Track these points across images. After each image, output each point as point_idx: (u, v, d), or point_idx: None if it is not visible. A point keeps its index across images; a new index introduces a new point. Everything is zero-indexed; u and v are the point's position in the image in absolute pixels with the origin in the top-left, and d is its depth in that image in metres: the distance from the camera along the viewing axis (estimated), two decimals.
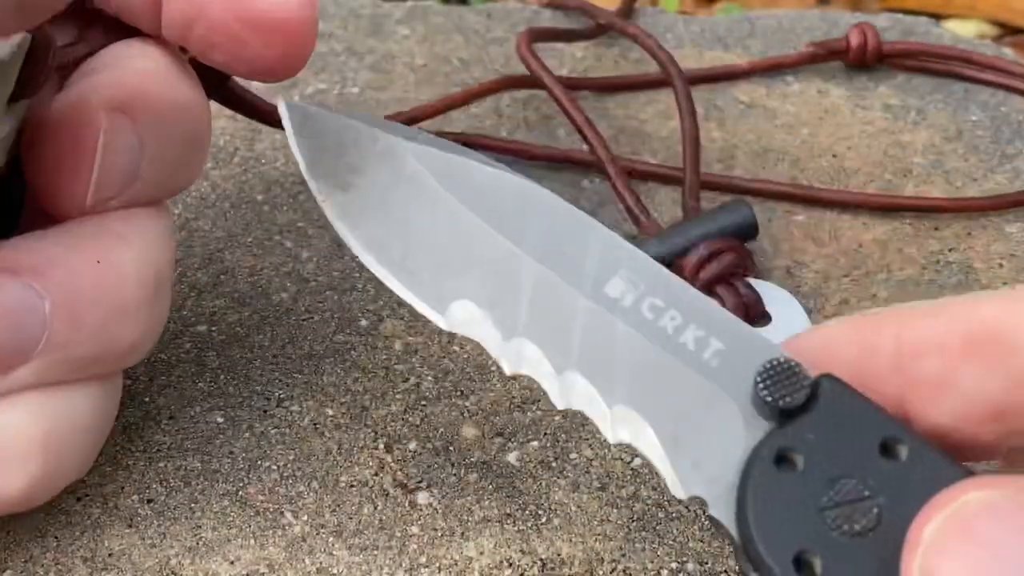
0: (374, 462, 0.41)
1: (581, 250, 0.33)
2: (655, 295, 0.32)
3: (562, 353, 0.32)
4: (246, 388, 0.43)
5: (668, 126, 0.60)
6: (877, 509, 0.29)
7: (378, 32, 0.66)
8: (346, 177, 0.35)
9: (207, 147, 0.40)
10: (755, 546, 0.29)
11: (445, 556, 0.38)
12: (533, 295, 0.33)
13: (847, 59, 0.64)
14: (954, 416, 0.30)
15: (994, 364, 0.30)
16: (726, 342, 0.32)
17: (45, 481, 0.34)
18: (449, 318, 0.34)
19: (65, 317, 0.33)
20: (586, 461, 0.41)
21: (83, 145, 0.35)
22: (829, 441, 0.30)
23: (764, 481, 0.30)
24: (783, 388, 0.30)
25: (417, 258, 0.34)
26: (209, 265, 0.49)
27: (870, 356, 0.31)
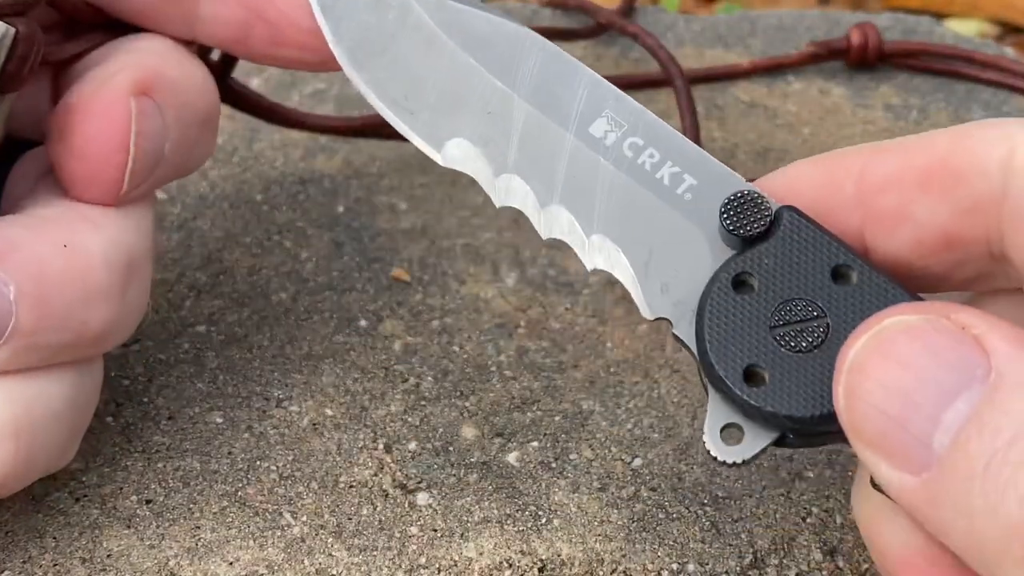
0: (373, 462, 0.41)
1: (570, 92, 0.35)
2: (636, 134, 0.35)
3: (547, 187, 0.35)
4: (245, 388, 0.43)
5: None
6: (824, 328, 0.31)
7: None
8: (356, 24, 0.37)
9: (217, 125, 0.40)
10: (709, 359, 0.32)
11: (445, 557, 0.38)
12: (523, 134, 0.35)
13: (848, 59, 0.64)
14: (909, 247, 0.32)
15: (945, 195, 0.32)
16: (699, 177, 0.34)
17: (18, 467, 0.33)
18: (445, 155, 0.36)
19: (31, 302, 0.33)
20: (586, 461, 0.41)
21: (116, 132, 0.35)
22: (784, 266, 0.32)
23: (721, 302, 0.32)
24: (745, 218, 0.33)
25: (417, 98, 0.36)
26: (208, 265, 0.49)
27: (834, 191, 0.33)
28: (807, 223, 0.32)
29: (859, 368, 0.28)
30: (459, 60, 0.36)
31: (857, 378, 0.28)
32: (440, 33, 0.36)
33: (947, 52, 0.64)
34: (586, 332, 0.46)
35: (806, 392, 0.31)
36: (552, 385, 0.44)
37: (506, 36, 0.36)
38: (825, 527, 0.39)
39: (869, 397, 0.27)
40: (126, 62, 0.36)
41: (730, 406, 0.32)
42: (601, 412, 0.43)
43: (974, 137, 0.32)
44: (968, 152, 0.31)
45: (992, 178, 0.31)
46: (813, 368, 0.31)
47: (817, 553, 0.38)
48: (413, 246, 0.50)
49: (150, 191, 0.38)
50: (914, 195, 0.32)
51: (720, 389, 0.32)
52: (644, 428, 0.42)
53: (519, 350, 0.46)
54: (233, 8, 0.37)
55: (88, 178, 0.35)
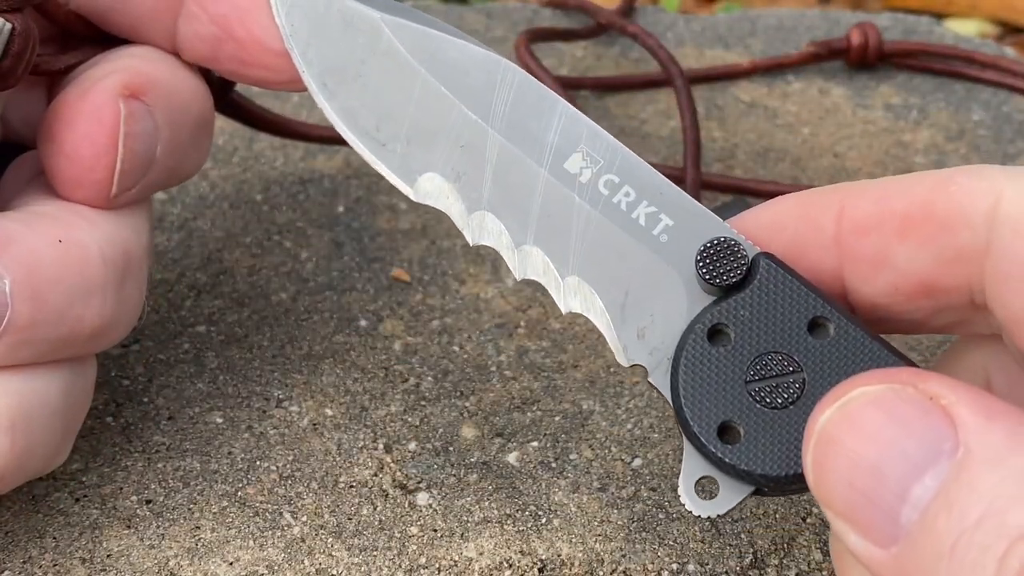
0: (373, 463, 0.41)
1: (544, 125, 0.35)
2: (611, 171, 0.34)
3: (521, 226, 0.34)
4: (245, 388, 0.43)
5: (668, 126, 0.60)
6: (800, 383, 0.31)
7: None
8: (326, 52, 0.36)
9: (212, 131, 0.41)
10: (684, 415, 0.32)
11: (445, 557, 0.38)
12: (497, 169, 0.35)
13: (848, 58, 0.64)
14: (888, 292, 0.32)
15: (926, 243, 0.31)
16: (676, 218, 0.34)
17: (12, 462, 0.33)
18: (417, 190, 0.35)
19: (26, 296, 0.33)
20: (586, 462, 0.41)
21: (104, 134, 0.35)
22: (760, 318, 0.32)
23: (696, 354, 0.32)
24: (721, 267, 0.32)
25: (389, 129, 0.36)
26: (208, 265, 0.49)
27: (813, 231, 0.33)
28: (784, 272, 0.32)
29: (826, 440, 0.27)
30: (431, 89, 0.35)
31: (824, 450, 0.27)
32: (412, 60, 0.36)
33: (947, 52, 0.64)
34: (586, 332, 0.46)
35: (781, 450, 0.31)
36: (552, 385, 0.44)
37: (480, 65, 0.35)
38: (825, 527, 0.39)
39: (837, 470, 0.27)
40: (117, 66, 0.37)
41: (705, 459, 0.32)
42: (601, 412, 0.43)
43: (958, 185, 0.31)
44: (951, 201, 0.31)
45: (976, 229, 0.31)
46: (788, 425, 0.31)
47: (817, 553, 0.38)
48: (413, 246, 0.50)
49: (143, 195, 0.38)
50: (893, 241, 0.32)
51: (695, 444, 0.32)
52: (644, 428, 0.42)
53: (519, 350, 0.46)
54: (206, 25, 0.38)
55: (77, 179, 0.36)
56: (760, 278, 0.32)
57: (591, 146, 0.34)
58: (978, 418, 0.26)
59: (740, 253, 0.32)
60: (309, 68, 0.36)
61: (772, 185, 0.55)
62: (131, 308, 0.36)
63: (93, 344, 0.35)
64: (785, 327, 0.31)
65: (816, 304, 0.31)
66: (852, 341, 0.31)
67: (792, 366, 0.31)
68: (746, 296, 0.32)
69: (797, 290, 0.32)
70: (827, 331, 0.31)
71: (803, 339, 0.31)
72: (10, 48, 0.33)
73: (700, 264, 0.32)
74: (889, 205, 0.32)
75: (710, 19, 0.70)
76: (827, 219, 0.33)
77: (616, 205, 0.34)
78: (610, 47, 0.66)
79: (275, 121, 0.49)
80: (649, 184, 0.34)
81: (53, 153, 0.36)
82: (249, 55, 0.38)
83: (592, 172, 0.34)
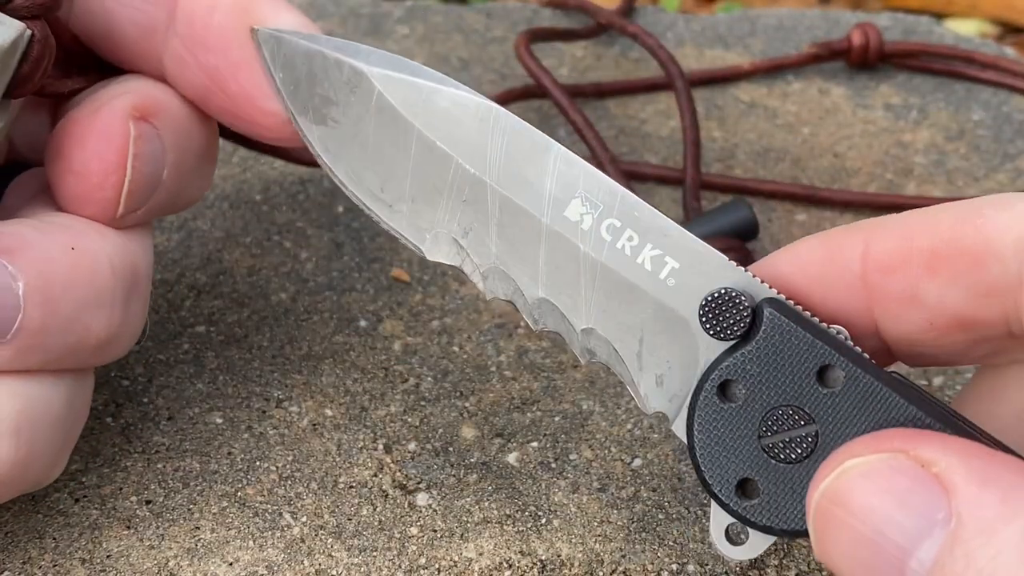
0: (373, 463, 0.41)
1: (540, 171, 0.34)
2: (612, 215, 0.34)
3: (531, 278, 0.34)
4: (245, 389, 0.43)
5: (668, 126, 0.60)
6: (812, 436, 0.31)
7: (377, 31, 0.66)
8: (322, 110, 0.36)
9: (215, 160, 0.41)
10: (702, 474, 0.32)
11: (444, 557, 0.38)
12: (500, 222, 0.34)
13: (849, 59, 0.64)
14: (923, 329, 0.32)
15: (956, 279, 0.31)
16: (681, 261, 0.33)
17: (16, 468, 0.33)
18: (428, 250, 0.35)
19: (39, 300, 0.33)
20: (586, 462, 0.41)
21: (114, 152, 0.35)
22: (768, 371, 0.32)
23: (708, 411, 0.32)
24: (724, 320, 0.32)
25: (393, 189, 0.35)
26: (208, 265, 0.49)
27: (839, 272, 0.33)
28: (788, 321, 0.32)
29: (823, 513, 0.28)
30: (427, 144, 0.35)
31: (824, 522, 0.27)
32: (404, 115, 0.35)
33: (947, 52, 0.64)
34: None
35: (800, 505, 0.31)
36: (552, 385, 0.44)
37: (471, 113, 0.35)
38: None
39: (837, 542, 0.27)
40: (127, 87, 0.37)
41: (731, 515, 0.32)
42: (601, 412, 0.43)
43: (984, 218, 0.31)
44: (979, 235, 0.31)
45: (1007, 262, 0.30)
46: (804, 479, 0.31)
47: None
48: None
49: (147, 218, 0.38)
50: (922, 278, 0.31)
51: (716, 501, 0.32)
52: (644, 428, 0.42)
53: (519, 350, 0.46)
54: (195, 72, 0.37)
55: (85, 196, 0.35)
56: (765, 329, 0.32)
57: (589, 190, 0.34)
58: (971, 486, 0.26)
59: (742, 304, 0.32)
60: (310, 132, 0.36)
61: (772, 185, 0.55)
62: (134, 325, 0.36)
63: (96, 356, 0.36)
64: (794, 378, 0.31)
65: (824, 352, 0.31)
66: (863, 388, 0.31)
67: (803, 419, 0.31)
68: (752, 349, 0.32)
69: (803, 338, 0.31)
70: (837, 379, 0.31)
71: (813, 389, 0.31)
72: (29, 53, 0.34)
73: (703, 319, 0.32)
74: (915, 242, 0.32)
75: (710, 19, 0.70)
76: (852, 258, 0.32)
77: (620, 251, 0.33)
78: (610, 47, 0.66)
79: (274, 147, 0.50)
80: (651, 225, 0.33)
81: (62, 170, 0.36)
82: (241, 110, 0.37)
83: (593, 218, 0.34)
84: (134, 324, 0.36)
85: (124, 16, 0.37)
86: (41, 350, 0.33)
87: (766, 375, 0.31)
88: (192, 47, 0.37)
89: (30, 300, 0.33)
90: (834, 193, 0.54)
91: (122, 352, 0.37)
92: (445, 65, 0.63)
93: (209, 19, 0.36)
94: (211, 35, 0.36)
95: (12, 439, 0.33)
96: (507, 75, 0.63)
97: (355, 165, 0.36)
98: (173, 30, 0.37)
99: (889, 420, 0.30)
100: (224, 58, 0.36)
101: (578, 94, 0.60)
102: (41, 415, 0.34)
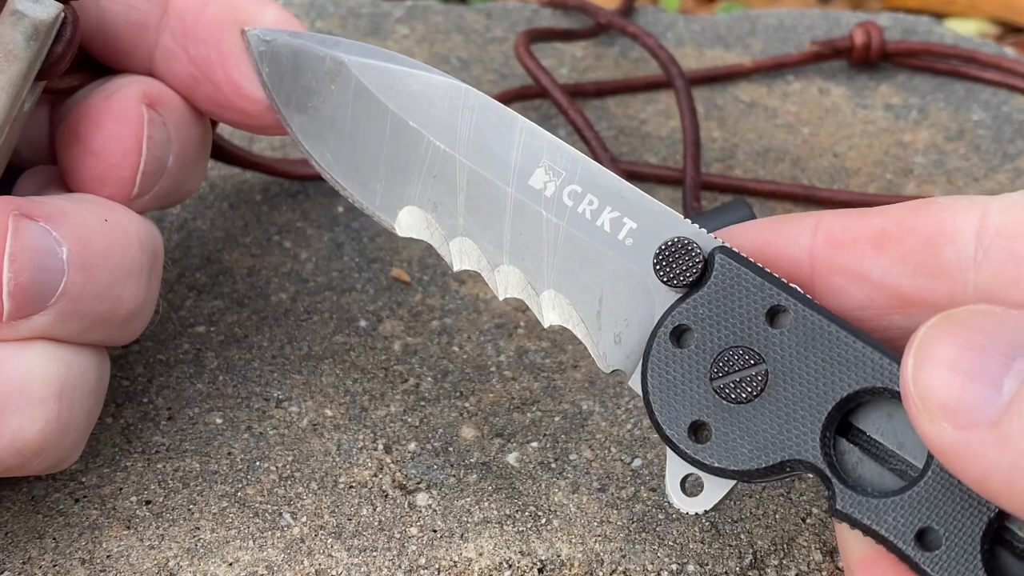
0: (373, 463, 0.41)
1: (506, 144, 0.36)
2: (574, 181, 0.35)
3: (496, 247, 0.35)
4: (245, 389, 0.43)
5: (668, 126, 0.60)
6: (763, 375, 0.31)
7: (377, 31, 0.66)
8: (304, 99, 0.38)
9: (208, 157, 0.43)
10: (656, 418, 0.32)
11: (444, 557, 0.38)
12: (468, 195, 0.36)
13: (851, 58, 0.64)
14: (861, 306, 0.33)
15: (905, 258, 0.32)
16: (639, 221, 0.34)
17: (56, 434, 0.34)
18: (399, 225, 0.37)
19: (80, 265, 0.34)
20: (586, 462, 0.41)
21: (131, 133, 0.37)
22: (719, 314, 0.32)
23: (661, 357, 0.33)
24: (677, 267, 0.33)
25: (368, 170, 0.37)
26: (208, 265, 0.49)
27: (786, 242, 0.33)
28: (739, 265, 0.32)
29: (932, 336, 0.28)
30: (400, 125, 0.36)
31: (930, 344, 0.28)
32: (380, 98, 0.37)
33: (949, 52, 0.64)
34: None
35: (751, 444, 0.31)
36: (552, 385, 0.44)
37: (442, 93, 0.36)
38: (825, 527, 0.39)
39: (941, 358, 0.27)
40: (133, 78, 0.39)
41: (682, 459, 0.32)
42: (601, 412, 0.43)
43: (939, 205, 0.32)
44: (933, 218, 0.32)
45: (960, 245, 0.31)
46: (756, 418, 0.31)
47: (817, 553, 0.38)
48: (413, 246, 0.50)
49: (152, 205, 0.39)
50: (868, 254, 0.32)
51: (669, 445, 0.32)
52: (644, 428, 0.42)
53: (519, 350, 0.46)
54: (185, 65, 0.39)
55: (103, 176, 0.37)
56: (716, 274, 0.32)
57: (552, 159, 0.35)
58: None
59: (695, 251, 0.33)
60: (291, 120, 0.38)
61: (772, 185, 0.55)
62: (152, 303, 0.38)
63: (122, 329, 0.37)
64: (744, 320, 0.32)
65: (773, 293, 0.32)
66: (812, 326, 0.31)
67: (754, 359, 0.32)
68: (704, 293, 0.32)
69: (753, 281, 0.32)
70: (787, 319, 0.32)
71: (763, 330, 0.32)
72: (63, 34, 0.35)
73: (657, 266, 0.33)
74: (865, 221, 0.33)
75: (710, 19, 0.70)
76: (802, 232, 0.33)
77: (581, 214, 0.35)
78: (610, 47, 0.66)
79: (257, 162, 0.51)
80: (611, 189, 0.34)
81: (79, 152, 0.37)
82: (226, 99, 0.39)
83: (556, 185, 0.35)
84: (152, 302, 0.38)
85: (118, 13, 0.39)
86: (79, 317, 0.35)
87: (717, 318, 0.32)
88: (183, 40, 0.39)
89: (72, 265, 0.34)
90: (834, 193, 0.54)
91: (140, 330, 0.38)
92: (445, 65, 0.63)
93: (201, 13, 0.39)
94: (203, 28, 0.38)
95: (55, 402, 0.34)
96: (507, 75, 0.63)
97: (333, 148, 0.37)
98: (165, 24, 0.39)
99: (839, 357, 0.31)
100: (215, 49, 0.38)
101: (578, 94, 0.60)
102: (79, 383, 0.35)
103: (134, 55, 0.39)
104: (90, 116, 0.37)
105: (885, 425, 0.31)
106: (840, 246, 0.33)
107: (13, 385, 0.33)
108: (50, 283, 0.34)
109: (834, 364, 0.31)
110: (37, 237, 0.33)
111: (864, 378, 0.31)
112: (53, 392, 0.34)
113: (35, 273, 0.33)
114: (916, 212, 0.32)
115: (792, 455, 0.31)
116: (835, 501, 0.30)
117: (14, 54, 0.33)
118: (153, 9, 0.39)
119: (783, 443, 0.31)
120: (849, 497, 0.30)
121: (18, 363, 0.33)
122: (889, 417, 0.31)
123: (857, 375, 0.31)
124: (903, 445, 0.31)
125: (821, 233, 0.33)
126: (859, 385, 0.31)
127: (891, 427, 0.31)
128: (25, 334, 0.34)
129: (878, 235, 0.32)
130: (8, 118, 0.34)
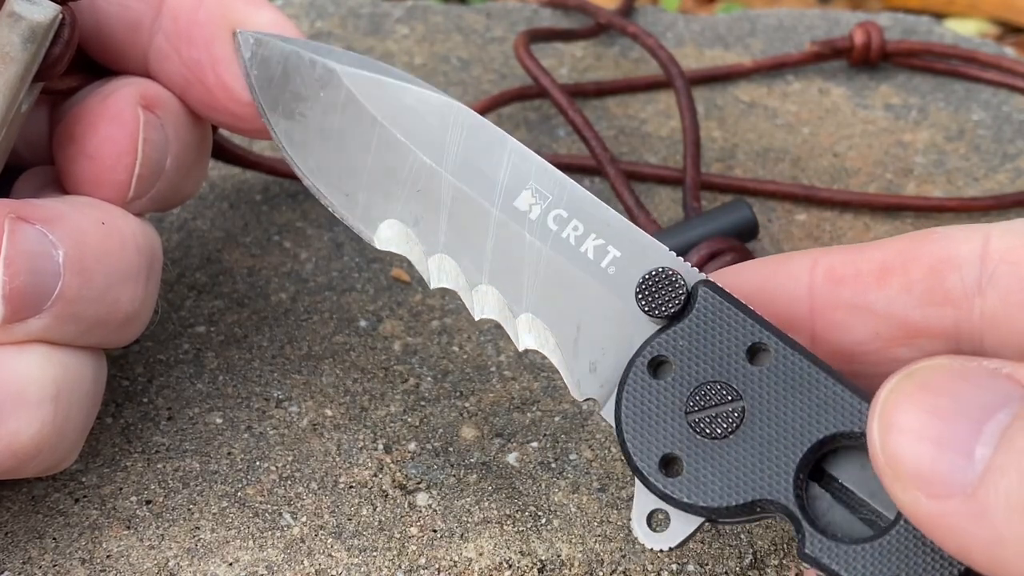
0: (373, 463, 0.41)
1: (495, 164, 0.35)
2: (560, 206, 0.35)
3: (476, 266, 0.35)
4: (245, 389, 0.43)
5: (668, 126, 0.60)
6: (739, 412, 0.31)
7: (377, 31, 0.66)
8: (292, 105, 0.38)
9: (208, 160, 0.43)
10: (627, 448, 0.32)
11: (444, 557, 0.38)
12: (451, 211, 0.35)
13: (851, 58, 0.64)
14: (867, 339, 0.32)
15: (910, 288, 0.32)
16: (623, 250, 0.34)
17: (53, 436, 0.34)
18: (379, 237, 0.36)
19: (76, 269, 0.34)
20: (586, 462, 0.41)
21: (126, 135, 0.37)
22: (699, 347, 0.32)
23: (637, 387, 0.32)
24: (659, 297, 0.32)
25: (351, 180, 0.37)
26: (207, 265, 0.49)
27: (782, 282, 0.33)
28: (722, 300, 0.32)
29: (894, 402, 0.27)
30: (388, 137, 0.36)
31: (893, 410, 0.27)
32: (369, 109, 0.36)
33: (950, 52, 0.64)
34: None
35: (723, 481, 0.31)
36: (552, 385, 0.44)
37: (434, 109, 0.36)
38: None
39: (907, 426, 0.27)
40: (130, 80, 0.38)
41: (652, 492, 0.32)
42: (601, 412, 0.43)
43: (939, 234, 0.32)
44: (935, 246, 0.32)
45: (964, 271, 0.31)
46: (729, 456, 0.31)
47: None
48: None
49: (150, 208, 0.39)
50: (871, 287, 0.32)
51: (639, 477, 0.32)
52: None
53: (519, 350, 0.45)
54: (177, 66, 0.39)
55: (98, 179, 0.37)
56: (699, 307, 0.32)
57: (540, 182, 0.35)
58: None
59: (678, 283, 0.32)
60: (277, 125, 0.38)
61: (772, 185, 0.55)
62: (150, 306, 0.38)
63: (119, 332, 0.37)
64: (724, 355, 0.31)
65: (755, 330, 0.31)
66: (792, 366, 0.31)
67: (731, 395, 0.31)
68: (685, 326, 0.32)
69: (735, 317, 0.32)
70: (767, 358, 0.31)
71: (742, 367, 0.31)
72: (60, 35, 0.35)
73: (639, 295, 0.32)
74: (866, 254, 0.32)
75: (710, 19, 0.70)
76: (801, 270, 0.33)
77: (565, 240, 0.34)
78: (610, 47, 0.66)
79: (258, 162, 0.51)
80: (597, 216, 0.34)
81: (75, 154, 0.37)
82: (217, 101, 0.39)
83: (541, 208, 0.35)
84: (150, 305, 0.38)
85: (113, 13, 0.38)
86: (75, 320, 0.35)
87: (697, 351, 0.32)
88: (176, 42, 0.38)
89: (68, 268, 0.34)
90: (834, 193, 0.54)
91: (138, 333, 0.38)
92: (445, 65, 0.63)
93: (194, 14, 0.38)
94: (195, 30, 0.38)
95: (51, 405, 0.34)
96: (507, 75, 0.63)
97: (317, 156, 0.37)
98: (158, 25, 0.39)
99: (817, 399, 0.30)
100: (206, 52, 0.38)
101: (578, 94, 0.60)
102: (75, 386, 0.35)
103: (129, 56, 0.39)
104: (86, 118, 0.37)
105: (858, 474, 0.30)
106: (841, 281, 0.32)
107: (9, 388, 0.33)
108: (46, 286, 0.34)
109: (812, 406, 0.30)
110: (33, 240, 0.33)
111: (841, 422, 0.30)
112: (49, 395, 0.34)
113: (31, 276, 0.33)
114: (917, 242, 0.32)
115: (763, 495, 0.30)
116: (804, 544, 0.30)
117: (11, 56, 0.33)
118: (147, 9, 0.38)
119: (755, 483, 0.30)
120: (819, 541, 0.30)
121: (14, 366, 0.33)
122: (862, 467, 0.30)
123: (834, 419, 0.30)
124: (875, 495, 0.30)
125: (820, 269, 0.33)
126: (835, 428, 0.30)
127: (863, 476, 0.30)
128: (21, 337, 0.34)
129: (880, 267, 0.32)
130: (5, 120, 0.34)
